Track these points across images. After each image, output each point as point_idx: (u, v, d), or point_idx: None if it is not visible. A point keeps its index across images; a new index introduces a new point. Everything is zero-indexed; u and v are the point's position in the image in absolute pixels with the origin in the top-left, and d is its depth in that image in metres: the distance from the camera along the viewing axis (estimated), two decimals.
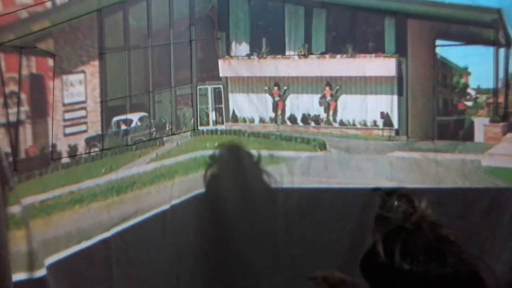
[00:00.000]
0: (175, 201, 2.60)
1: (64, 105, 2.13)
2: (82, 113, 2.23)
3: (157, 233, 2.52)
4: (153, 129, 2.56)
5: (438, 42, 2.63)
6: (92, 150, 2.25)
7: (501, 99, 2.58)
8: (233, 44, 2.86)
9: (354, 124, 2.76)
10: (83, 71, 2.22)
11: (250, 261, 2.72)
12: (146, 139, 2.51)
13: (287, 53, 2.80)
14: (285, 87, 2.82)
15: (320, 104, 2.80)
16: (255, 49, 2.83)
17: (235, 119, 2.88)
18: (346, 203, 2.72)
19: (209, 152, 2.83)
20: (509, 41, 2.52)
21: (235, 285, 2.72)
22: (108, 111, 2.32)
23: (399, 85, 2.68)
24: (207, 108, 2.87)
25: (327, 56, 2.75)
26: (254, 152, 2.78)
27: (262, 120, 2.85)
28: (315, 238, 2.70)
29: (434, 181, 2.63)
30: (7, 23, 1.86)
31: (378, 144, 2.72)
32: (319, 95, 2.79)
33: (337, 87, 2.76)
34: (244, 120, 2.88)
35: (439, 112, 2.67)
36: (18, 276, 1.83)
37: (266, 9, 2.84)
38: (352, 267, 2.71)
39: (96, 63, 2.26)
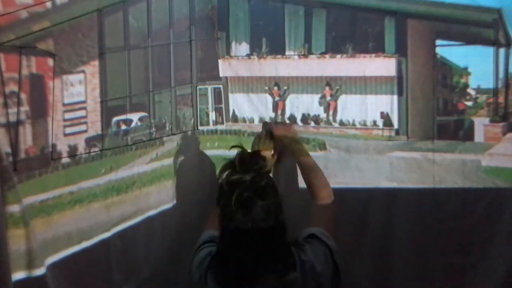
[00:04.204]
0: None
1: (64, 105, 2.14)
2: (82, 113, 2.23)
3: (157, 233, 2.52)
4: (153, 129, 2.56)
5: (438, 42, 2.62)
6: (92, 150, 2.25)
7: (501, 99, 2.58)
8: (233, 44, 2.86)
9: (354, 124, 2.76)
10: (83, 71, 2.22)
11: None
12: (146, 139, 2.51)
13: (287, 53, 2.80)
14: (285, 87, 2.82)
15: (320, 104, 2.79)
16: (255, 49, 2.83)
17: (235, 119, 2.88)
18: (346, 203, 2.71)
19: (209, 152, 2.83)
20: (509, 41, 2.51)
21: None
22: (108, 111, 2.32)
23: (399, 85, 2.68)
24: (207, 108, 2.87)
25: (327, 56, 2.75)
26: None
27: (262, 120, 2.84)
28: None
29: (434, 181, 2.63)
30: (7, 23, 1.87)
31: (378, 144, 2.72)
32: (319, 95, 2.79)
33: (337, 87, 2.76)
34: (244, 120, 2.87)
35: (439, 112, 2.66)
36: (18, 275, 1.83)
37: (266, 9, 2.84)
38: (352, 266, 2.73)
39: (96, 63, 2.26)
